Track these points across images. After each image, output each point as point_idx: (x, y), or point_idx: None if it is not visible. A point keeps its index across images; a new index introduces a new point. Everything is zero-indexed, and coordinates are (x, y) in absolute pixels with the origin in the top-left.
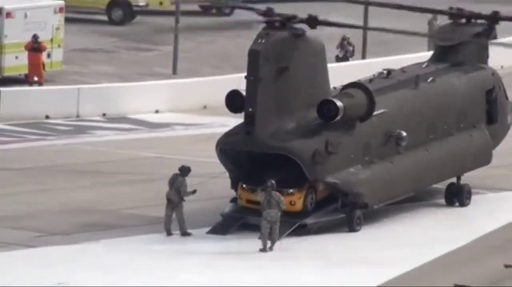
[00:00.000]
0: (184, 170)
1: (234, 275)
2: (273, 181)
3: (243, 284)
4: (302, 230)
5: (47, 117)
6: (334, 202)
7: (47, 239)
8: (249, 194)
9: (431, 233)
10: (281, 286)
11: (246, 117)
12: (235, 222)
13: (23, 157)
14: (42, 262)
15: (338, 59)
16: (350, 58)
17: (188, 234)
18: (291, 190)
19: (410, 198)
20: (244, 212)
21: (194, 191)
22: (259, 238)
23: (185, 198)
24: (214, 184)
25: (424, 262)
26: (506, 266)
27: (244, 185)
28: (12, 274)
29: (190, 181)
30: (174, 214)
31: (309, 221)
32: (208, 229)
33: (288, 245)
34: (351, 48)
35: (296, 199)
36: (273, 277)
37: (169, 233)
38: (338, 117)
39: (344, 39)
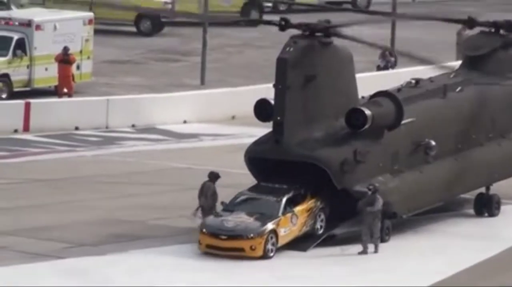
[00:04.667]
0: (212, 176)
1: None
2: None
3: None
4: (330, 241)
5: (76, 128)
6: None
7: (76, 250)
8: (210, 239)
9: (460, 243)
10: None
11: (274, 125)
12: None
13: (52, 169)
14: (71, 273)
15: (380, 69)
16: (391, 69)
17: None
18: (252, 235)
19: (439, 208)
20: None
21: (222, 203)
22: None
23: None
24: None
25: (454, 272)
26: None
27: (203, 230)
28: (41, 285)
29: (219, 191)
30: None
31: (337, 231)
32: None
33: (317, 253)
34: (393, 59)
35: (257, 244)
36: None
37: None
38: (367, 126)
39: (386, 49)
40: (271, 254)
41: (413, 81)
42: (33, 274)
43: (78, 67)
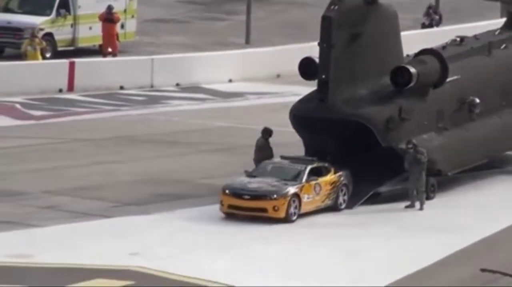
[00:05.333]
0: (266, 132)
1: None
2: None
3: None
4: (376, 199)
5: (121, 87)
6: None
7: (121, 209)
8: (233, 199)
9: (505, 201)
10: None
11: (319, 84)
12: None
13: (97, 128)
14: (117, 232)
15: (424, 26)
16: (435, 27)
17: None
18: (275, 195)
19: (483, 165)
20: None
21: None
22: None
23: None
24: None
25: (496, 230)
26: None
27: (226, 191)
28: (88, 244)
29: None
30: None
31: (382, 189)
32: None
33: (362, 212)
34: (437, 17)
35: (280, 205)
36: (345, 244)
37: None
38: (412, 84)
39: (430, 7)
40: (294, 218)
41: (458, 39)
42: (79, 233)
43: (122, 26)
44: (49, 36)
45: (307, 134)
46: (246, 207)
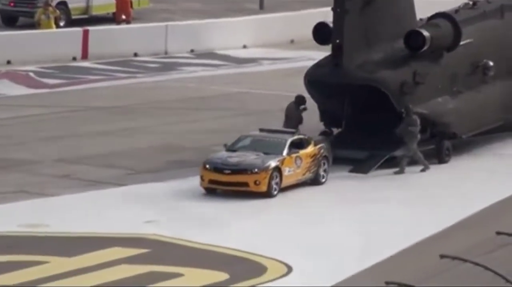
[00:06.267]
0: (298, 99)
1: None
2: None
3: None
4: (392, 162)
5: (135, 54)
6: (422, 133)
7: (137, 177)
8: (213, 174)
9: None
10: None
11: (333, 49)
12: None
13: (112, 95)
14: (132, 200)
15: None
16: None
17: None
18: (256, 169)
19: (498, 128)
20: (335, 145)
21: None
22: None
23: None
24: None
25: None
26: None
27: (207, 166)
28: (103, 212)
29: (280, 115)
30: None
31: (398, 153)
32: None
33: (378, 177)
34: None
35: (261, 179)
36: (360, 211)
37: None
38: (425, 48)
39: None
40: (275, 192)
41: (471, 2)
42: (94, 201)
43: None
44: (62, 5)
45: (322, 99)
46: (226, 182)
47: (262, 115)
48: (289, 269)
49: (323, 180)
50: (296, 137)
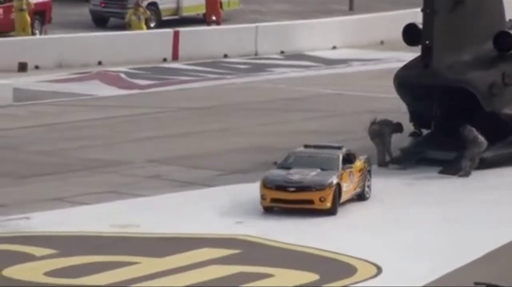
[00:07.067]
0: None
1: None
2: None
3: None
4: (480, 165)
5: (225, 56)
6: (511, 135)
7: (227, 177)
8: (276, 192)
9: None
10: None
11: (423, 50)
12: (414, 156)
13: (203, 96)
14: (222, 201)
15: None
16: None
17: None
18: (321, 186)
19: None
20: (424, 146)
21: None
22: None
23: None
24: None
25: None
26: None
27: (267, 184)
28: (193, 213)
29: (367, 116)
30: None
31: (487, 154)
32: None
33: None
34: None
35: (326, 196)
36: (449, 212)
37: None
38: None
39: None
40: (337, 209)
41: None
42: (185, 202)
43: None
44: (153, 6)
45: (411, 101)
46: (290, 200)
47: (352, 116)
48: (379, 269)
49: (368, 195)
50: (345, 151)
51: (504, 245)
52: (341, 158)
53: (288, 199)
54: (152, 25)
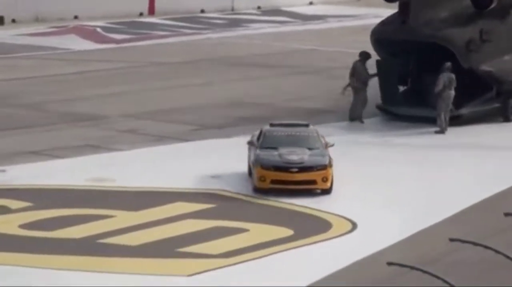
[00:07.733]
0: (363, 56)
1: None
2: (450, 63)
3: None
4: (456, 121)
5: (202, 11)
6: (488, 92)
7: (203, 132)
8: (277, 173)
9: None
10: None
11: (400, 6)
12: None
13: (179, 51)
14: (197, 155)
15: None
16: None
17: (362, 122)
18: (322, 166)
19: None
20: (401, 103)
21: (374, 75)
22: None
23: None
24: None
25: None
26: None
27: (267, 166)
28: (169, 167)
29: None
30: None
31: (464, 111)
32: None
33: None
34: None
35: (328, 175)
36: (425, 170)
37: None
38: (492, 5)
39: None
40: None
41: None
42: (160, 156)
43: None
44: None
45: (388, 56)
46: (293, 181)
47: (329, 71)
48: (354, 225)
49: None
50: (314, 128)
51: (476, 203)
52: (319, 135)
53: (290, 180)
54: None
